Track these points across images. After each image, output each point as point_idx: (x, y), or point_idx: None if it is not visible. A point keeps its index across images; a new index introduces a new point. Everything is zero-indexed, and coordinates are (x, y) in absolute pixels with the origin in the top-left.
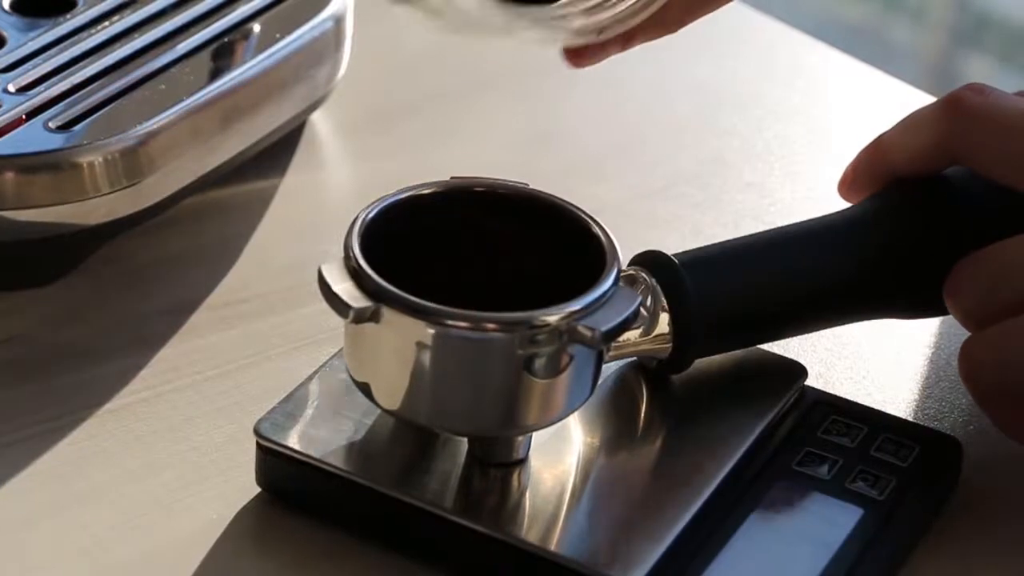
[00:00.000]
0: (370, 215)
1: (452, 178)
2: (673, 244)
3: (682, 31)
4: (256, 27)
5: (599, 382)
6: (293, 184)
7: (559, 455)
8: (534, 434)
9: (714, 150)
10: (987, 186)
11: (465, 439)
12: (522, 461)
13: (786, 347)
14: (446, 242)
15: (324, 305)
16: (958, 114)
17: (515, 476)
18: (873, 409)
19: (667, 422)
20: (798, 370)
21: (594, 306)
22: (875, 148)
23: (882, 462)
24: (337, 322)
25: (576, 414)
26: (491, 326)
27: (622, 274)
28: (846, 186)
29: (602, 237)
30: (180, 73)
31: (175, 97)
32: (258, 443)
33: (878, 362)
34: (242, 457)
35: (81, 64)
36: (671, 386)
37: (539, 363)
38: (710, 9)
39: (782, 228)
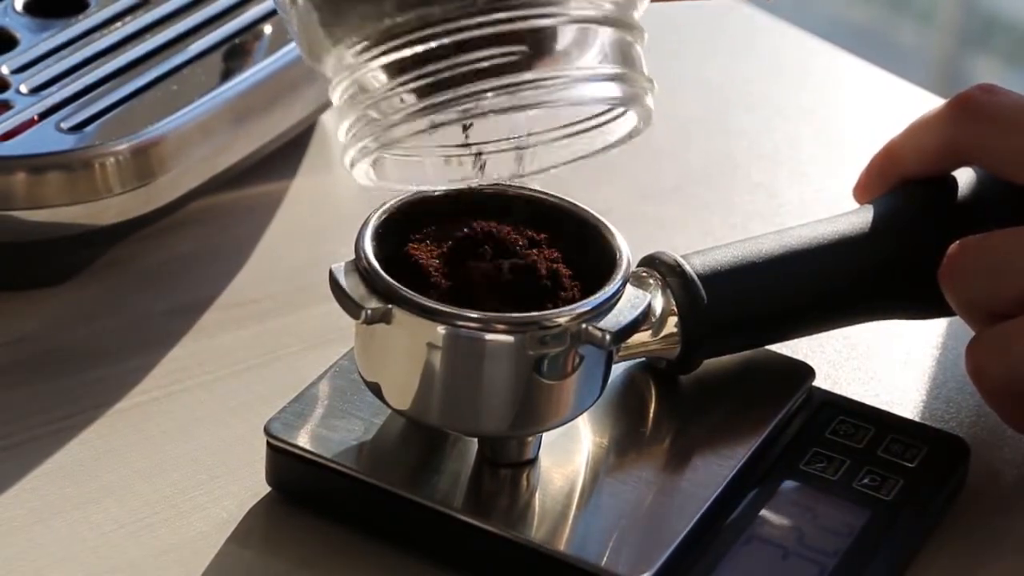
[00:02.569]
0: (381, 216)
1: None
2: (682, 245)
3: (689, 32)
4: (267, 29)
5: (608, 382)
6: (304, 185)
7: (568, 455)
8: (544, 434)
9: (723, 151)
10: (996, 186)
11: (475, 439)
12: (532, 461)
13: (794, 348)
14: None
15: (334, 305)
16: (967, 114)
17: (525, 476)
18: (880, 410)
19: (675, 422)
20: (806, 371)
21: (604, 307)
22: (886, 151)
23: (889, 462)
24: (347, 322)
25: (585, 414)
26: (501, 327)
27: (631, 275)
28: (859, 190)
29: (611, 238)
30: (191, 74)
31: (187, 98)
32: (268, 443)
33: (885, 363)
34: (252, 456)
35: (93, 65)
36: (680, 386)
37: (549, 364)
38: None
39: (790, 229)
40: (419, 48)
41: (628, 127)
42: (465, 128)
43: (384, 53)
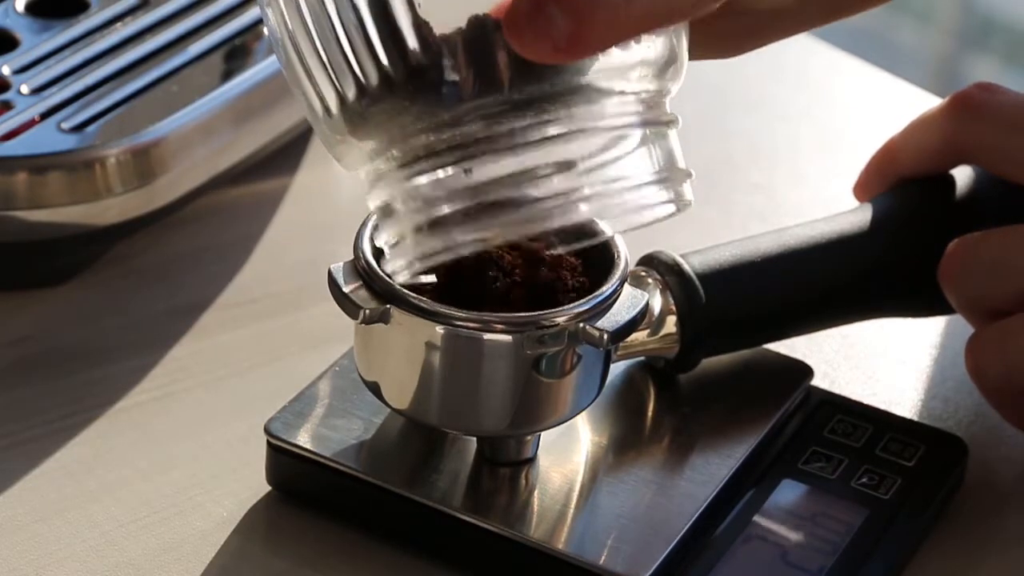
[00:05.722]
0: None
1: None
2: (680, 245)
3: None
4: (267, 30)
5: (607, 382)
6: (304, 184)
7: (567, 454)
8: (542, 433)
9: (722, 151)
10: (995, 184)
11: (474, 438)
12: (530, 460)
13: (792, 347)
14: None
15: (334, 305)
16: (965, 112)
17: (523, 475)
18: (878, 409)
19: (674, 421)
20: (804, 370)
21: (602, 307)
22: (885, 150)
23: (887, 462)
24: (347, 322)
25: (584, 413)
26: (499, 327)
27: (629, 274)
28: (859, 189)
29: (609, 238)
30: (192, 75)
31: (187, 98)
32: (268, 442)
33: (884, 362)
34: (252, 456)
35: (94, 65)
36: (678, 385)
37: (547, 363)
38: (774, 37)
39: (789, 228)
40: (462, 166)
41: (665, 212)
42: None
43: (426, 170)
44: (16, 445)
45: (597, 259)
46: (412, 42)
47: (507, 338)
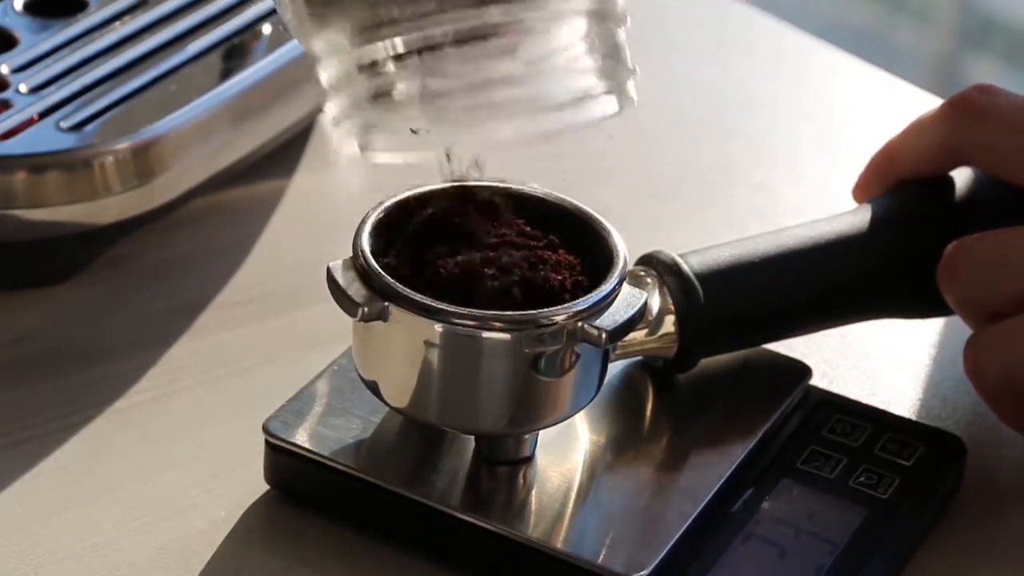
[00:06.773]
0: (379, 214)
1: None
2: (679, 244)
3: (688, 32)
4: (266, 28)
5: (605, 381)
6: (302, 184)
7: (565, 453)
8: (541, 432)
9: (721, 151)
10: (994, 185)
11: (472, 437)
12: (529, 459)
13: (791, 347)
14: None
15: (333, 304)
16: (964, 114)
17: (522, 474)
18: (877, 408)
19: (673, 421)
20: (802, 370)
21: (600, 306)
22: (884, 151)
23: (886, 461)
24: (345, 321)
25: (582, 412)
26: (498, 325)
27: (628, 274)
28: (858, 190)
29: (608, 237)
30: (191, 74)
31: (186, 97)
32: (267, 441)
33: (882, 362)
34: (251, 455)
35: (92, 64)
36: (677, 385)
37: (546, 362)
38: None
39: (788, 228)
40: (413, 36)
41: (608, 110)
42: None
43: (378, 39)
44: (16, 445)
45: (596, 258)
46: None
47: (506, 336)
